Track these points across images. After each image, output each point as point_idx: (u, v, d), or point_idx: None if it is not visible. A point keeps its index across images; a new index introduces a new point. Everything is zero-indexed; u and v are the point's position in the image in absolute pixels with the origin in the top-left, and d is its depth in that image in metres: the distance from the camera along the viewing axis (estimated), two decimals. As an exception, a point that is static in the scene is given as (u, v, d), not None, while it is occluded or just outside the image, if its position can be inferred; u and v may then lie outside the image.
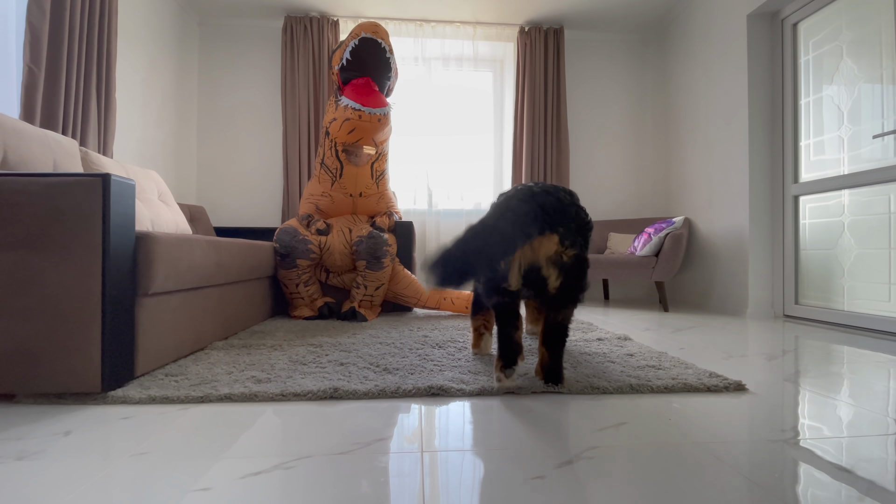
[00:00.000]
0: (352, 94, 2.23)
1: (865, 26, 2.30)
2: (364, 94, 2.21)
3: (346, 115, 2.23)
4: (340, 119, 2.26)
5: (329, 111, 2.36)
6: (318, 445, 0.88)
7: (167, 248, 1.33)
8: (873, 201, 2.26)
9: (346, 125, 2.26)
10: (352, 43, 2.15)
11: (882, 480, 0.76)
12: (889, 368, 1.51)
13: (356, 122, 2.22)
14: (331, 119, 2.34)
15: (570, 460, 0.82)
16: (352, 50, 2.17)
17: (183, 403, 1.13)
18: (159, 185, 2.43)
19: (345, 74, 2.28)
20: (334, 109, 2.29)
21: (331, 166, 2.47)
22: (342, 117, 2.25)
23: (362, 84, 2.26)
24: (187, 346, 1.53)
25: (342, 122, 2.26)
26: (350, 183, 2.53)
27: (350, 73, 2.27)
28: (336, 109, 2.28)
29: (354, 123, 2.23)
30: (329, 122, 2.35)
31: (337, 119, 2.28)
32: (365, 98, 2.20)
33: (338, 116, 2.27)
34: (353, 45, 2.16)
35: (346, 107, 2.20)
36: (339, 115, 2.26)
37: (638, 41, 4.12)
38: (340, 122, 2.27)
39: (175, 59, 3.48)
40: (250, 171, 3.84)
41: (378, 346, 1.69)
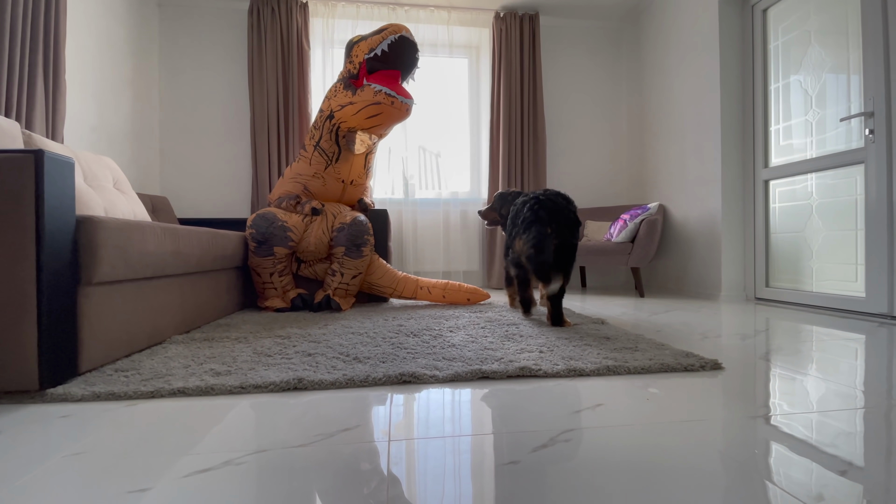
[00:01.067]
0: (383, 82, 2.29)
1: (832, 11, 2.33)
2: (395, 85, 2.31)
3: (377, 99, 2.24)
4: (363, 103, 2.26)
5: (338, 96, 2.34)
6: (275, 439, 0.82)
7: (113, 233, 1.23)
8: (839, 184, 2.31)
9: (371, 109, 2.27)
10: (391, 38, 2.21)
11: (855, 454, 0.74)
12: (856, 346, 1.53)
13: (387, 107, 2.26)
14: (344, 103, 2.31)
15: (545, 444, 0.78)
16: (390, 44, 2.23)
17: (131, 399, 1.04)
18: (115, 172, 2.28)
19: (374, 64, 2.31)
20: (350, 94, 2.29)
21: (327, 150, 2.44)
22: (367, 101, 2.25)
23: (393, 76, 2.34)
24: (142, 339, 1.43)
25: (365, 107, 2.27)
26: (345, 169, 2.49)
27: (380, 63, 2.31)
28: (355, 94, 2.28)
29: (383, 108, 2.26)
30: (339, 106, 2.33)
31: (356, 104, 2.27)
32: (397, 88, 2.30)
33: (358, 101, 2.27)
34: (392, 40, 2.22)
35: (379, 91, 2.23)
36: (363, 98, 2.26)
37: (613, 28, 4.12)
38: (362, 107, 2.27)
39: (133, 42, 3.29)
40: (217, 161, 3.68)
41: (350, 336, 1.62)
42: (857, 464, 0.70)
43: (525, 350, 1.40)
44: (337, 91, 2.36)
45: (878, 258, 2.09)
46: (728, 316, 2.18)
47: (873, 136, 2.11)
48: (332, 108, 2.36)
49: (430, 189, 3.84)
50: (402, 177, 3.78)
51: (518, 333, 1.65)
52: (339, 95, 2.34)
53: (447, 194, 3.85)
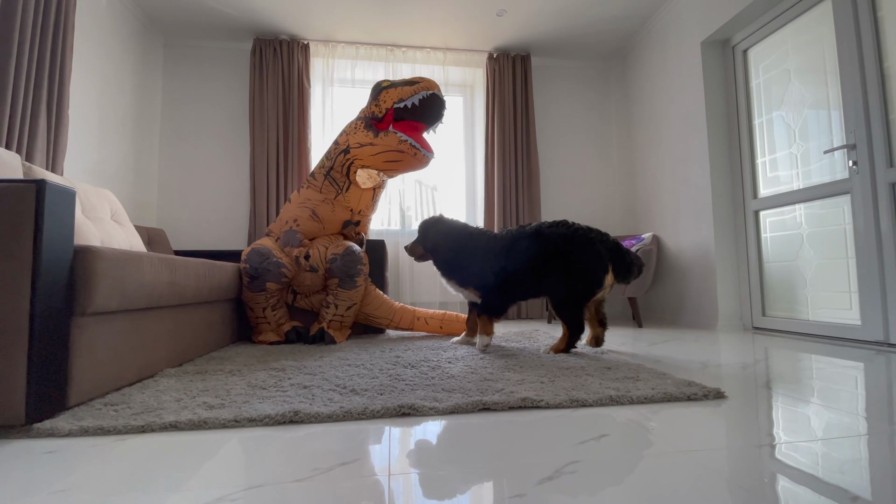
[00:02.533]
0: (409, 132, 2.38)
1: (810, 51, 2.46)
2: (421, 139, 2.41)
3: (401, 147, 2.32)
4: (384, 147, 2.34)
5: (359, 134, 2.41)
6: (271, 474, 0.79)
7: (111, 263, 1.22)
8: (826, 214, 2.36)
9: (392, 154, 2.35)
10: (423, 93, 2.30)
11: (862, 481, 0.73)
12: (855, 374, 1.52)
13: (409, 157, 2.35)
14: (363, 142, 2.38)
15: (550, 476, 0.76)
16: (421, 99, 2.32)
17: (120, 434, 1.00)
18: (113, 204, 2.29)
19: (401, 114, 2.39)
20: (372, 135, 2.37)
21: (338, 179, 2.49)
22: (390, 147, 2.34)
23: (418, 128, 2.44)
24: (133, 372, 1.40)
25: (386, 151, 2.35)
26: (354, 200, 2.53)
27: (408, 114, 2.39)
28: (377, 136, 2.36)
29: (405, 157, 2.35)
30: (358, 144, 2.40)
31: (377, 146, 2.35)
32: (421, 141, 2.40)
33: (379, 144, 2.35)
34: (423, 95, 2.31)
35: (405, 141, 2.32)
36: (385, 143, 2.34)
37: (601, 68, 4.30)
38: (383, 150, 2.35)
39: (137, 79, 3.38)
40: (215, 194, 3.71)
41: (346, 368, 1.59)
42: (865, 491, 0.69)
43: (526, 381, 1.37)
44: (357, 128, 2.41)
45: (871, 286, 2.11)
46: (727, 345, 2.17)
47: (857, 167, 2.18)
48: (350, 144, 2.40)
49: (426, 221, 3.86)
50: (399, 208, 3.82)
51: (518, 364, 1.63)
52: (358, 133, 2.39)
53: (443, 226, 3.88)
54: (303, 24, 3.57)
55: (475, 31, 3.70)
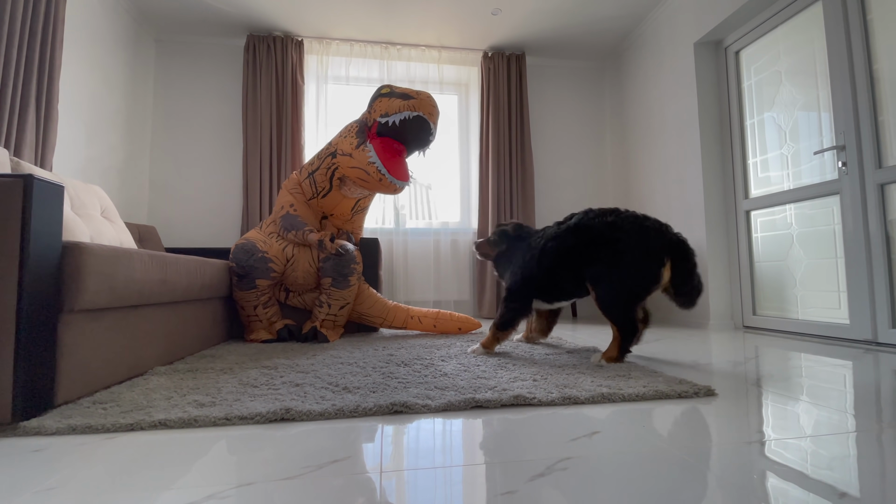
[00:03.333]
0: (382, 155, 2.16)
1: (800, 53, 2.48)
2: (394, 163, 2.19)
3: (368, 170, 2.15)
4: (358, 165, 2.18)
5: (348, 139, 2.25)
6: (261, 471, 0.78)
7: (100, 260, 1.21)
8: (816, 214, 2.39)
9: (361, 174, 2.19)
10: (406, 114, 2.09)
11: (850, 478, 0.74)
12: (844, 372, 1.54)
13: (374, 181, 2.17)
14: (346, 151, 2.23)
15: (542, 473, 0.76)
16: (402, 120, 2.12)
17: (109, 433, 0.99)
18: (103, 200, 2.26)
19: (383, 129, 2.20)
20: (354, 146, 2.21)
21: (318, 183, 2.35)
22: (361, 165, 2.17)
23: (396, 151, 2.23)
24: (123, 370, 1.38)
25: (358, 170, 2.19)
26: (329, 207, 2.43)
27: (390, 132, 2.21)
28: (357, 149, 2.19)
29: (371, 180, 2.18)
30: (342, 151, 2.25)
31: (354, 158, 2.19)
32: (393, 166, 2.18)
33: (356, 158, 2.18)
34: (406, 116, 2.10)
35: (372, 164, 2.14)
36: (359, 161, 2.17)
37: (596, 67, 4.32)
38: (355, 165, 2.19)
39: (129, 75, 3.34)
40: (207, 191, 3.68)
41: (339, 367, 1.59)
42: (854, 487, 0.70)
43: (518, 378, 1.38)
44: (350, 132, 2.27)
45: (859, 286, 2.14)
46: (718, 344, 2.19)
47: (846, 168, 2.21)
48: (338, 149, 2.28)
49: (420, 219, 3.87)
50: (392, 207, 3.82)
51: (511, 362, 1.63)
52: (348, 139, 2.25)
53: (438, 224, 3.88)
54: (297, 21, 3.55)
55: (470, 29, 3.70)
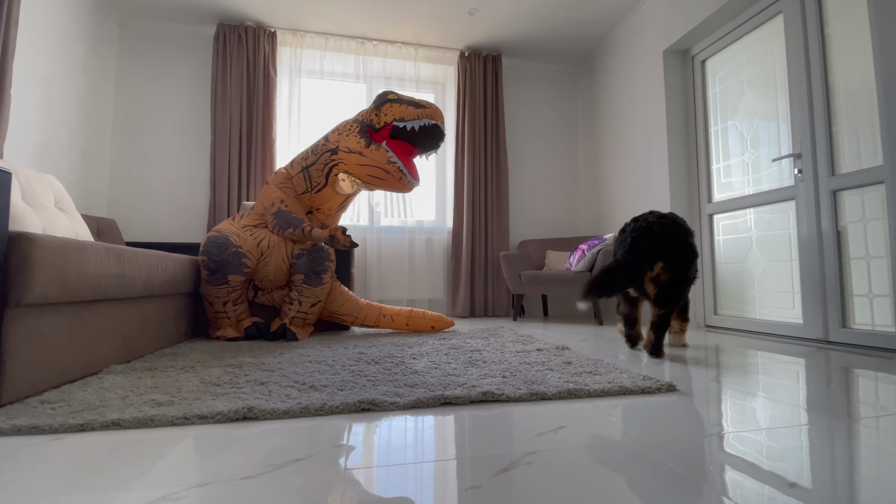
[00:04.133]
0: (400, 154, 2.31)
1: (761, 64, 2.59)
2: (410, 164, 2.36)
3: (388, 168, 2.27)
4: (372, 162, 2.28)
5: (351, 139, 2.32)
6: (220, 472, 0.76)
7: (50, 252, 1.14)
8: (774, 219, 2.50)
9: (377, 171, 2.29)
10: (426, 121, 2.25)
11: (802, 468, 0.77)
12: (797, 369, 1.62)
13: (394, 180, 2.29)
14: (353, 149, 2.30)
15: (507, 467, 0.76)
16: (422, 126, 2.29)
17: (57, 433, 0.94)
18: (58, 191, 2.15)
19: (398, 133, 2.34)
20: (363, 144, 2.29)
21: (314, 178, 2.40)
22: (377, 163, 2.27)
23: (410, 152, 2.39)
24: (75, 369, 1.31)
25: (373, 166, 2.29)
26: (320, 201, 2.46)
27: (405, 136, 2.36)
28: (369, 149, 2.28)
29: (389, 178, 2.29)
30: (347, 149, 2.31)
31: (365, 157, 2.28)
32: (410, 166, 2.34)
33: (368, 157, 2.28)
34: (425, 124, 2.26)
35: (394, 163, 2.26)
36: (374, 158, 2.27)
37: (569, 71, 4.39)
38: (370, 164, 2.29)
39: (89, 60, 3.18)
40: (172, 184, 3.55)
41: (307, 365, 1.56)
42: (805, 477, 0.73)
43: (488, 375, 1.38)
44: (351, 131, 2.34)
45: (812, 287, 2.25)
46: (681, 342, 2.26)
47: (801, 175, 2.32)
48: (340, 146, 2.33)
49: (395, 217, 3.84)
50: (367, 204, 3.78)
51: (482, 359, 1.64)
52: (351, 137, 2.32)
53: (413, 222, 3.86)
54: (270, 12, 3.46)
55: (447, 28, 3.70)
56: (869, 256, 2.04)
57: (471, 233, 3.83)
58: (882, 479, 0.73)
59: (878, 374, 1.52)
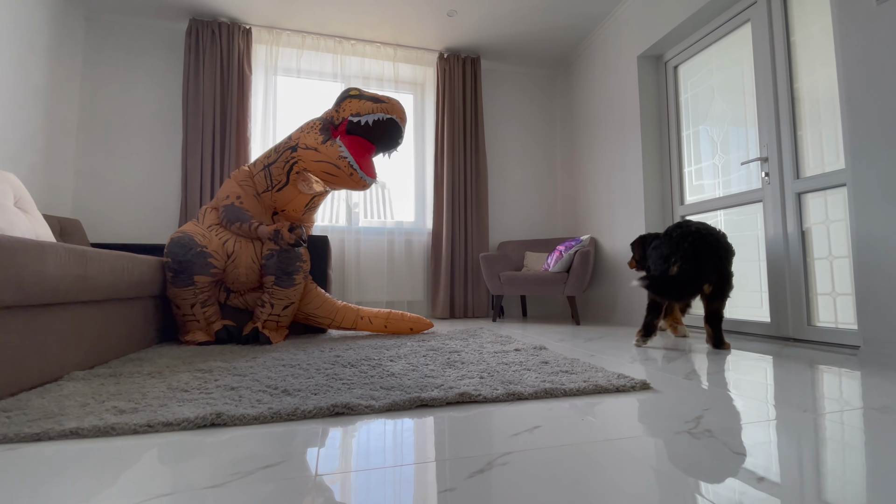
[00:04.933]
0: (354, 150, 2.21)
1: (730, 70, 2.67)
2: (365, 160, 2.25)
3: (339, 164, 2.17)
4: (326, 159, 2.19)
5: (310, 135, 2.24)
6: (183, 480, 0.72)
7: (6, 252, 1.08)
8: (743, 220, 2.58)
9: (329, 167, 2.19)
10: (381, 115, 2.16)
11: (770, 462, 0.79)
12: (765, 366, 1.67)
13: (345, 176, 2.20)
14: (310, 146, 2.22)
15: (482, 469, 0.76)
16: (376, 121, 2.18)
17: (11, 443, 0.89)
18: (17, 189, 2.04)
19: (354, 128, 2.23)
20: (320, 141, 2.21)
21: (275, 176, 2.31)
22: (330, 160, 2.18)
23: (366, 148, 2.28)
24: (33, 375, 1.25)
25: (325, 162, 2.19)
26: (282, 201, 2.38)
27: (361, 131, 2.24)
28: (324, 145, 2.19)
29: (340, 175, 2.20)
30: (306, 145, 2.23)
31: (320, 153, 2.19)
32: (364, 163, 2.24)
33: (322, 153, 2.19)
34: (380, 118, 2.17)
35: (344, 158, 2.16)
36: (328, 155, 2.18)
37: (547, 75, 4.44)
38: (322, 160, 2.19)
39: (52, 54, 3.05)
40: (142, 184, 3.43)
41: (280, 369, 1.52)
42: (773, 471, 0.75)
43: (466, 376, 1.38)
44: (313, 128, 2.27)
45: (779, 287, 2.33)
46: (655, 341, 2.31)
47: (768, 178, 2.40)
48: (300, 143, 2.26)
49: (374, 217, 3.81)
50: (345, 205, 3.73)
51: (460, 360, 1.63)
52: (311, 134, 2.25)
53: (392, 223, 3.84)
54: (244, 8, 3.39)
55: (426, 29, 3.70)
56: (832, 257, 2.12)
57: (450, 234, 3.83)
58: (847, 471, 0.75)
59: (841, 370, 1.58)
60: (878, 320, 1.71)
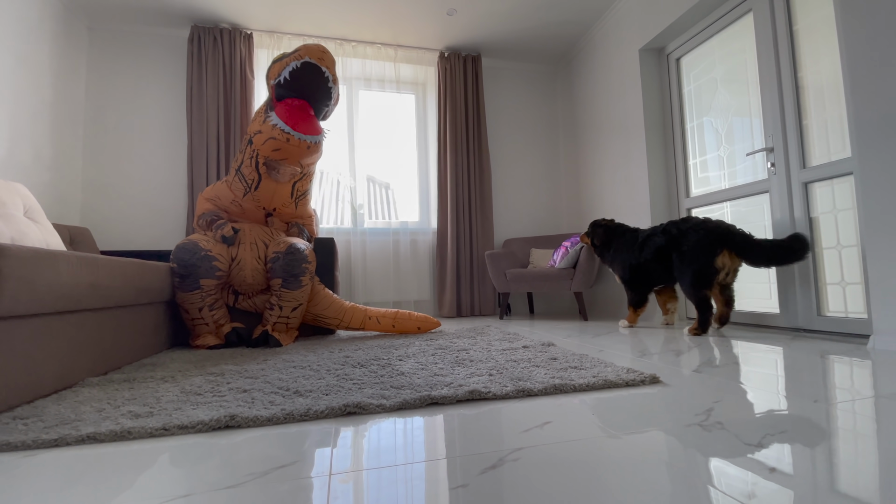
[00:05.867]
0: (284, 115, 2.07)
1: (733, 61, 2.66)
2: (297, 118, 2.08)
3: (273, 134, 2.07)
4: (266, 135, 2.09)
5: (257, 120, 2.16)
6: (200, 482, 0.74)
7: (18, 262, 1.10)
8: (750, 211, 2.56)
9: (270, 143, 2.10)
10: (293, 63, 2.00)
11: (782, 453, 0.79)
12: (775, 357, 1.66)
13: (283, 143, 2.08)
14: (256, 130, 2.15)
15: (494, 465, 0.76)
16: (291, 71, 2.02)
17: (29, 450, 0.90)
18: (26, 199, 2.08)
19: (280, 91, 2.11)
20: (261, 122, 2.12)
21: (247, 176, 2.26)
22: (268, 135, 2.08)
23: (297, 107, 2.12)
24: (49, 382, 1.27)
25: (266, 139, 2.10)
26: (266, 198, 2.34)
27: (286, 91, 2.10)
28: (263, 123, 2.11)
29: (280, 144, 2.08)
30: (254, 132, 2.16)
31: (263, 132, 2.10)
32: (297, 122, 2.07)
33: (264, 131, 2.10)
34: (293, 66, 2.01)
35: (275, 126, 2.05)
36: (266, 131, 2.08)
37: (548, 71, 4.43)
38: (265, 139, 2.10)
39: (57, 65, 3.09)
40: (149, 191, 3.46)
41: (291, 371, 1.53)
42: (785, 461, 0.75)
43: (475, 374, 1.38)
44: (259, 114, 2.20)
45: (787, 278, 2.31)
46: (663, 334, 2.30)
47: (774, 168, 2.38)
48: (251, 133, 2.19)
49: (379, 218, 3.82)
50: (350, 207, 3.75)
51: (468, 358, 1.64)
52: (257, 119, 2.17)
53: (397, 224, 3.85)
54: (245, 14, 3.41)
55: (426, 29, 3.70)
56: (840, 246, 2.10)
57: (455, 233, 3.83)
58: (859, 460, 0.75)
59: (852, 359, 1.57)
60: (887, 308, 1.69)
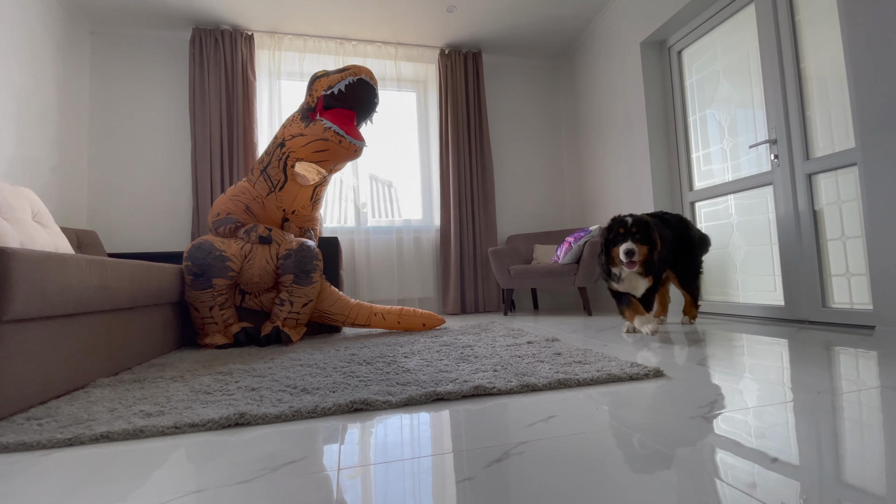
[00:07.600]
0: (336, 120, 2.29)
1: (736, 53, 2.64)
2: (348, 125, 2.32)
3: (325, 135, 2.25)
4: (312, 137, 2.27)
5: (293, 126, 2.33)
6: (213, 478, 0.75)
7: (29, 266, 1.12)
8: (754, 204, 2.56)
9: (318, 144, 2.27)
10: (350, 79, 2.23)
11: (784, 444, 0.80)
12: (780, 349, 1.66)
13: (334, 145, 2.27)
14: (296, 133, 2.31)
15: (499, 458, 0.78)
16: (347, 84, 2.25)
17: (45, 449, 0.92)
18: (34, 204, 2.10)
19: (330, 101, 2.32)
20: (303, 126, 2.30)
21: (273, 177, 2.39)
22: (316, 136, 2.26)
23: (347, 116, 2.36)
24: (61, 384, 1.29)
25: (313, 140, 2.27)
26: (288, 199, 2.44)
27: (337, 101, 2.33)
28: (307, 127, 2.28)
29: (330, 146, 2.27)
30: (291, 135, 2.32)
31: (306, 135, 2.28)
32: (348, 128, 2.31)
33: (308, 134, 2.28)
34: (350, 81, 2.23)
35: (328, 129, 2.24)
36: (313, 133, 2.27)
37: (549, 66, 4.42)
38: (311, 140, 2.28)
39: (61, 69, 3.12)
40: (154, 192, 3.49)
41: (298, 369, 1.55)
42: (786, 452, 0.76)
43: (480, 370, 1.40)
44: (294, 120, 2.36)
45: (791, 269, 2.30)
46: (668, 328, 2.30)
47: (777, 160, 2.37)
48: (285, 137, 2.35)
49: (382, 217, 3.83)
50: (353, 205, 3.76)
51: (473, 354, 1.65)
52: (293, 125, 2.34)
53: (400, 222, 3.86)
54: (246, 15, 3.42)
55: (426, 26, 3.70)
56: (845, 237, 2.10)
57: (458, 230, 3.84)
58: (865, 451, 0.75)
59: (857, 350, 1.57)
60: (893, 299, 1.69)
